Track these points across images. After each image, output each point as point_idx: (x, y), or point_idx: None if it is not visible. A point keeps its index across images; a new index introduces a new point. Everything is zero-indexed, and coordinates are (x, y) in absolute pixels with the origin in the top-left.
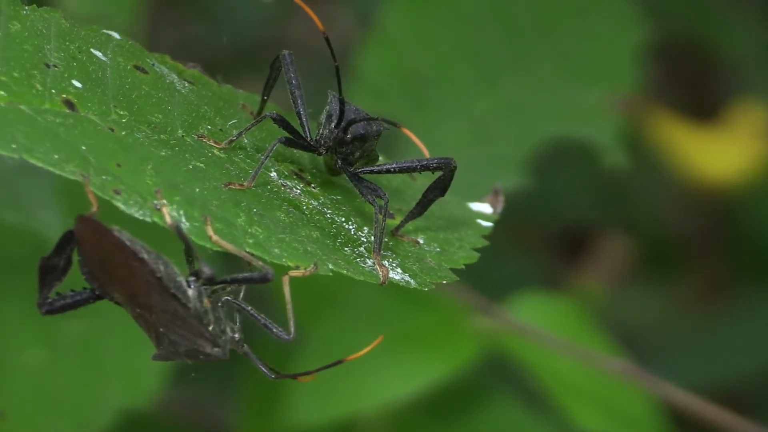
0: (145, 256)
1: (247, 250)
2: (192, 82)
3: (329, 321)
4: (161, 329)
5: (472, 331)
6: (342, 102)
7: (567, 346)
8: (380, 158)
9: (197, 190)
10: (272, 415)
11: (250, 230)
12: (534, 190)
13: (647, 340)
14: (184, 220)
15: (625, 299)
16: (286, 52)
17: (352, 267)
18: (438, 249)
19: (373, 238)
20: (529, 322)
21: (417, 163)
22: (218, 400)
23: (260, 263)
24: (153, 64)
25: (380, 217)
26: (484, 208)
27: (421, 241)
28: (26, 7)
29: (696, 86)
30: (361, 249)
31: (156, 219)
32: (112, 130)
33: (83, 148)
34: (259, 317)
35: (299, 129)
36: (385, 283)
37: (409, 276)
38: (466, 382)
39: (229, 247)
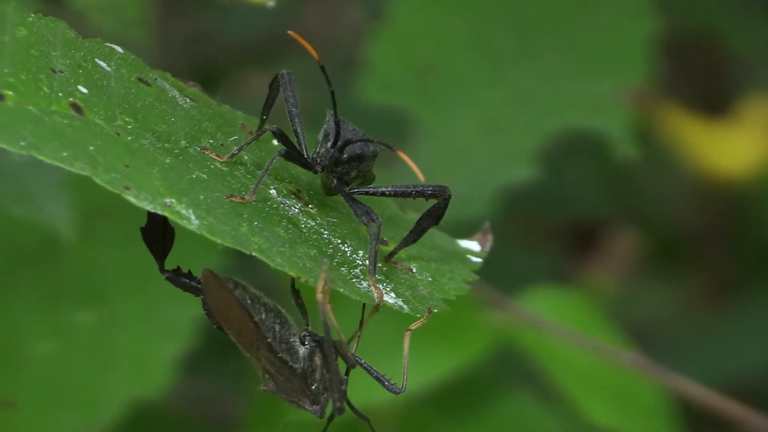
0: (263, 315)
1: (253, 253)
2: (193, 99)
3: (342, 313)
4: (266, 375)
5: (483, 324)
6: (339, 122)
7: (578, 338)
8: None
9: (201, 197)
10: (281, 407)
11: (253, 239)
12: (544, 183)
13: (658, 335)
14: (193, 218)
15: (635, 294)
16: (284, 71)
17: (349, 287)
18: (430, 278)
19: (368, 261)
20: (541, 315)
21: (412, 189)
22: (227, 394)
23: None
24: (156, 79)
25: (374, 240)
26: (473, 245)
27: (414, 270)
28: (32, 15)
29: (706, 81)
30: (356, 271)
31: (167, 214)
32: (119, 134)
33: (91, 148)
34: (371, 370)
35: (297, 146)
36: (380, 304)
37: (403, 301)
38: (478, 375)
39: (334, 321)
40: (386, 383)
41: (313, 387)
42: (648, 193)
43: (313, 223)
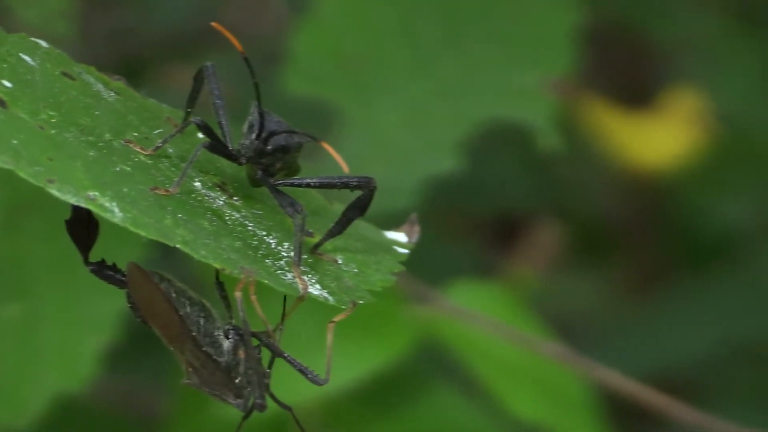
0: (188, 309)
1: (177, 245)
2: (118, 92)
3: (269, 306)
4: (190, 369)
5: (409, 317)
6: (263, 113)
7: (503, 330)
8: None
9: (125, 190)
10: (207, 405)
11: (177, 231)
12: (467, 175)
13: (582, 327)
14: (117, 210)
15: (559, 286)
16: (208, 63)
17: (273, 278)
18: (356, 270)
19: (293, 253)
20: (465, 308)
21: (337, 180)
22: (151, 388)
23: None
24: (80, 73)
25: (299, 231)
26: (400, 236)
27: (340, 261)
28: None
29: (629, 72)
30: (281, 263)
31: (90, 207)
32: (42, 128)
33: (14, 141)
34: (295, 362)
35: (222, 139)
36: (305, 296)
37: (328, 293)
38: (403, 370)
39: (260, 312)
40: (309, 375)
41: (237, 381)
42: (572, 185)
43: (238, 215)
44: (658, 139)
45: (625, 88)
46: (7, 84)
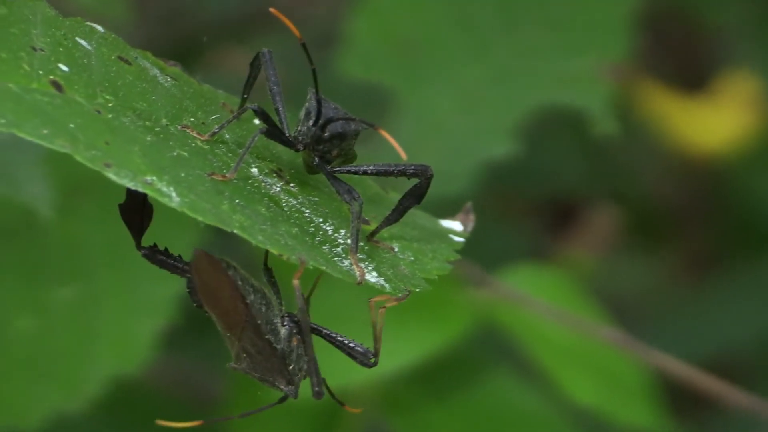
0: (252, 297)
1: (235, 231)
2: (174, 77)
3: (321, 291)
4: (244, 354)
5: (464, 301)
6: (320, 100)
7: (559, 315)
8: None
9: (182, 175)
10: (261, 387)
11: (234, 216)
12: (523, 159)
13: (636, 310)
14: (174, 195)
15: (615, 270)
16: (265, 50)
17: (331, 265)
18: (412, 258)
19: (349, 240)
20: (521, 292)
21: (394, 168)
22: (205, 372)
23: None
24: (136, 58)
25: (356, 218)
26: (455, 225)
27: (396, 249)
28: None
29: (685, 57)
30: (338, 250)
31: (148, 191)
32: (99, 112)
33: (71, 125)
34: (344, 347)
35: (278, 125)
36: (362, 283)
37: (384, 280)
38: (460, 353)
39: (299, 295)
40: (358, 358)
41: (291, 367)
42: (627, 169)
43: (295, 202)
44: (713, 123)
45: (680, 72)
46: (64, 68)
